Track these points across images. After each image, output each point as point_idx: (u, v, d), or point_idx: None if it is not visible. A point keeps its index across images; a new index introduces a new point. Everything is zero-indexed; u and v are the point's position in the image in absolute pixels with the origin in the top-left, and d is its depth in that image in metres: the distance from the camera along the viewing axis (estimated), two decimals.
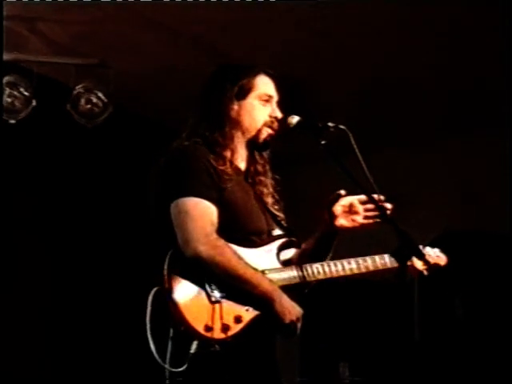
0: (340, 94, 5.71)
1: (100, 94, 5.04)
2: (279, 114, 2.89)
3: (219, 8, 4.51)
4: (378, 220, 2.81)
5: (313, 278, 2.80)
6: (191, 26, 4.85)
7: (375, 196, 2.68)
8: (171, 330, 2.55)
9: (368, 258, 2.89)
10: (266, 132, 2.86)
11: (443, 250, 3.13)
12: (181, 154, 2.76)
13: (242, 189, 2.84)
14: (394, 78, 5.45)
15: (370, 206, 2.80)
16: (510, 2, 4.32)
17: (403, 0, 4.45)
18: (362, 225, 2.86)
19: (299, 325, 2.68)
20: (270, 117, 2.87)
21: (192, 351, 2.53)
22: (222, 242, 2.64)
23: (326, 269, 2.82)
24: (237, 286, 2.62)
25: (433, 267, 2.92)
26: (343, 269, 2.84)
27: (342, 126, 2.70)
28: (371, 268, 2.88)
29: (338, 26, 4.82)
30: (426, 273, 2.95)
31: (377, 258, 2.90)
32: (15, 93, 4.90)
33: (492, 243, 5.51)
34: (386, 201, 2.73)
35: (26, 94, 4.91)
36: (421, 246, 3.06)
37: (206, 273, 2.60)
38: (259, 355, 2.70)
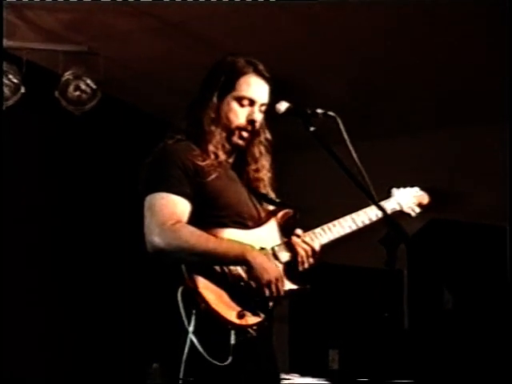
0: (339, 84, 5.71)
1: (89, 81, 5.00)
2: (257, 118, 2.80)
3: None
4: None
5: (318, 246, 2.76)
6: (182, 15, 4.81)
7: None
8: (192, 324, 2.48)
9: (360, 212, 2.89)
10: (238, 134, 2.79)
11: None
12: (160, 154, 2.71)
13: (229, 178, 2.80)
14: (393, 70, 5.48)
15: None
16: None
17: None
18: None
19: (280, 286, 2.61)
20: (247, 120, 2.79)
21: (233, 342, 2.49)
22: (177, 225, 2.55)
23: (328, 232, 2.81)
24: (208, 263, 2.56)
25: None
26: (343, 228, 2.85)
27: (331, 113, 2.65)
28: (367, 222, 2.90)
29: (336, 22, 4.81)
30: None
31: (368, 210, 2.89)
32: (4, 80, 4.87)
33: (481, 233, 5.51)
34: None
35: (14, 81, 4.88)
36: (400, 189, 3.12)
37: (174, 263, 2.53)
38: (264, 341, 2.70)
